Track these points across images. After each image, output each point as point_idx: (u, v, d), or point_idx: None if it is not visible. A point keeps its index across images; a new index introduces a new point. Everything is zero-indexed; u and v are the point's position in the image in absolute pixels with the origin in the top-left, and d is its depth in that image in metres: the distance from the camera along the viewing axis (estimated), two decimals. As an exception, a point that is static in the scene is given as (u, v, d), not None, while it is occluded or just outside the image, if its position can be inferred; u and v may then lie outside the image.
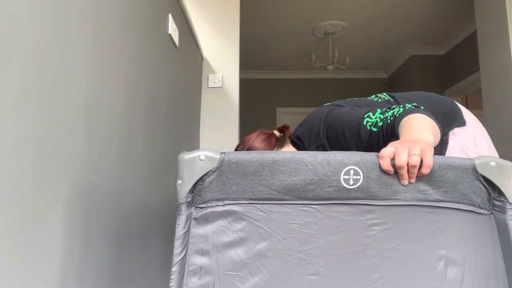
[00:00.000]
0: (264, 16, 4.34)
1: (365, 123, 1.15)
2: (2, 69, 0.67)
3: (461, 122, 1.30)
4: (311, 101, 6.16)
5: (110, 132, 1.14)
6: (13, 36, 0.69)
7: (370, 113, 1.16)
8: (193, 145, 2.68)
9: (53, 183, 0.83)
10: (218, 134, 2.91)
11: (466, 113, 1.35)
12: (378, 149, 1.12)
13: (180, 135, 2.19)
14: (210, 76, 2.99)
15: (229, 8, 3.06)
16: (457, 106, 1.36)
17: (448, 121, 1.29)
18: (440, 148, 1.28)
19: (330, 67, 4.68)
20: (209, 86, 2.98)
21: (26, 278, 0.74)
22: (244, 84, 6.14)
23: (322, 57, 5.24)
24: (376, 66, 5.97)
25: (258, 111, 6.12)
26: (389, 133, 1.09)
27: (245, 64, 5.76)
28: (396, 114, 1.07)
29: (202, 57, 2.95)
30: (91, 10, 1.02)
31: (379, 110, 1.16)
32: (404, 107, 1.08)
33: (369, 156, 0.76)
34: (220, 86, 2.98)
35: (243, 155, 0.75)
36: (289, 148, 1.41)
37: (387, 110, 1.13)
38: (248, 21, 4.39)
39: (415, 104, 1.11)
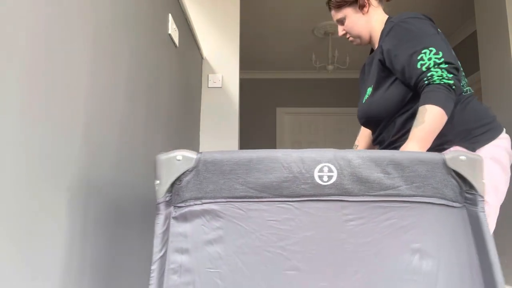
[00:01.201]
0: (264, 16, 4.35)
1: (418, 57, 1.26)
2: (2, 69, 0.68)
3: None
4: (311, 101, 6.16)
5: (110, 131, 1.15)
6: (13, 37, 0.71)
7: (434, 49, 1.25)
8: (193, 144, 2.69)
9: (53, 182, 0.84)
10: (218, 134, 2.93)
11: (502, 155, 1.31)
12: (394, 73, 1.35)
13: (180, 135, 2.21)
14: (210, 76, 3.00)
15: (229, 8, 3.07)
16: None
17: (477, 140, 1.30)
18: None
19: (330, 67, 4.69)
20: (209, 86, 2.99)
21: (27, 274, 0.75)
22: (244, 84, 6.16)
23: (322, 57, 5.25)
24: (376, 65, 5.95)
25: (258, 111, 6.12)
26: (414, 86, 1.26)
27: (245, 64, 5.77)
28: (432, 81, 1.20)
29: (202, 57, 2.97)
30: (91, 10, 1.03)
31: (441, 53, 1.24)
32: (441, 80, 1.20)
33: (343, 153, 0.78)
34: (220, 86, 3.00)
35: (219, 154, 0.78)
36: (376, 9, 1.57)
37: (439, 65, 1.22)
38: (248, 21, 4.40)
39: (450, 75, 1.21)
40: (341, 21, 1.60)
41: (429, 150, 1.22)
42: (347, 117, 6.21)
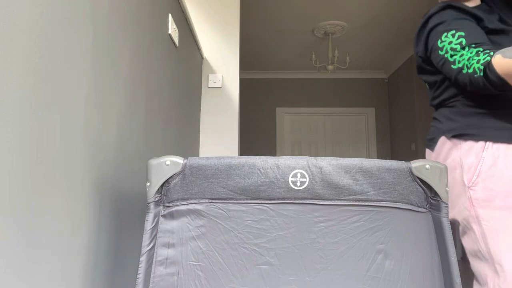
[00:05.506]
0: (264, 16, 4.41)
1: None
2: (2, 69, 0.69)
3: None
4: (311, 101, 6.22)
5: (110, 131, 1.17)
6: (13, 36, 0.72)
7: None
8: (193, 144, 2.70)
9: (52, 182, 0.85)
10: (218, 133, 2.96)
11: None
12: None
13: (180, 135, 2.22)
14: (210, 76, 3.02)
15: (229, 8, 3.09)
16: None
17: None
18: None
19: (330, 67, 4.74)
20: (209, 86, 3.01)
21: (27, 274, 0.76)
22: (244, 84, 6.23)
23: (322, 57, 5.31)
24: (376, 66, 6.02)
25: (258, 111, 6.19)
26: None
27: (245, 64, 5.83)
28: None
29: (202, 57, 2.98)
30: (90, 10, 1.03)
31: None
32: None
33: (315, 161, 0.86)
34: (220, 86, 3.02)
35: (203, 160, 0.86)
36: None
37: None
38: (248, 21, 4.46)
39: None
40: None
41: None
42: (347, 117, 6.27)
